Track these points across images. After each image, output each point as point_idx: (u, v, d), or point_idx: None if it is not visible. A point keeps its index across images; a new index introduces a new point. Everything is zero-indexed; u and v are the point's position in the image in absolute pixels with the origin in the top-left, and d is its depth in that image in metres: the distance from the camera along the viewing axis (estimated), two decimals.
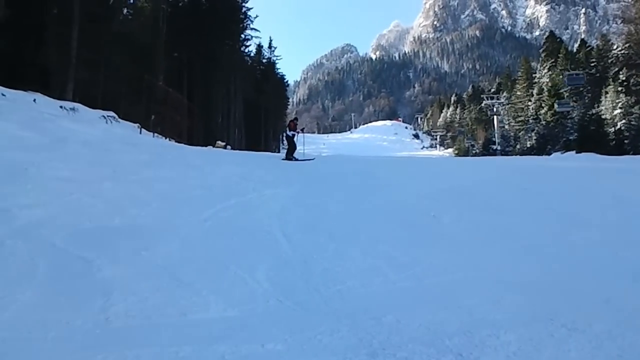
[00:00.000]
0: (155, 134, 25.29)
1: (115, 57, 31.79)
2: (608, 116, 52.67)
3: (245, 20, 52.94)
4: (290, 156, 18.74)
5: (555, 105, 62.33)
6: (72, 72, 25.36)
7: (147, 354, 3.29)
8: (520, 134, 76.12)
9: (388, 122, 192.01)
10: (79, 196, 7.63)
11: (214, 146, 29.35)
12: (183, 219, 7.21)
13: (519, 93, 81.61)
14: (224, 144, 33.80)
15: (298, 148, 19.46)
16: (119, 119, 23.79)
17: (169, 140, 25.74)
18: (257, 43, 71.79)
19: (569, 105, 60.31)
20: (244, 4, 51.94)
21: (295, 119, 21.29)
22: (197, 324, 3.85)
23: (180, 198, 8.58)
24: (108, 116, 22.45)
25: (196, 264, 5.30)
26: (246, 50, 59.81)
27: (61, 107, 19.49)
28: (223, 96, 48.01)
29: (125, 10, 39.22)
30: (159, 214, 7.40)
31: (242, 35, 54.37)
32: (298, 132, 19.79)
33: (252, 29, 55.14)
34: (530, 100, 74.85)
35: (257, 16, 54.94)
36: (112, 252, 5.42)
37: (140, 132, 23.59)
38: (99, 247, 5.50)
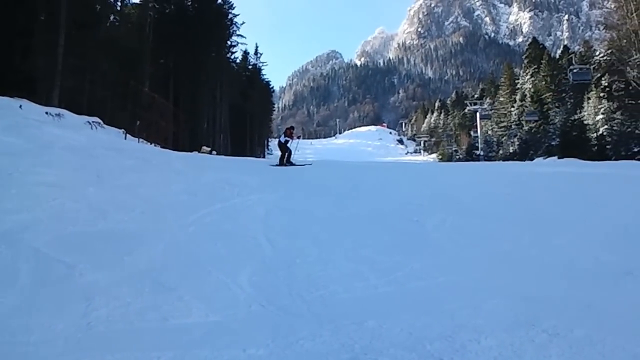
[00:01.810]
0: (141, 140, 25.31)
1: (101, 63, 31.78)
2: (590, 122, 53.40)
3: (231, 27, 53.34)
4: (284, 162, 18.71)
5: (519, 115, 63.64)
6: (58, 79, 25.40)
7: (129, 359, 3.29)
8: (503, 139, 76.87)
9: (373, 128, 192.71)
10: (63, 201, 7.60)
11: (199, 151, 29.34)
12: (167, 224, 7.18)
13: (502, 99, 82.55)
14: (209, 149, 33.80)
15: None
16: (104, 125, 23.85)
17: (154, 145, 25.75)
18: (243, 49, 72.84)
19: (535, 114, 62.83)
20: (230, 11, 52.27)
21: (292, 127, 21.61)
22: (179, 329, 3.84)
23: (164, 203, 8.53)
24: (93, 122, 22.50)
25: (179, 269, 5.29)
26: (232, 57, 60.34)
27: (47, 113, 19.60)
28: (209, 102, 48.15)
29: (112, 17, 39.15)
30: (142, 219, 7.37)
31: (228, 42, 54.76)
32: (293, 139, 19.97)
33: (238, 35, 55.74)
34: (513, 106, 75.61)
35: (243, 23, 55.42)
36: (95, 257, 5.40)
37: (125, 138, 23.63)
38: (82, 252, 5.48)
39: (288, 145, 19.34)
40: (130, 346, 3.48)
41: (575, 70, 44.84)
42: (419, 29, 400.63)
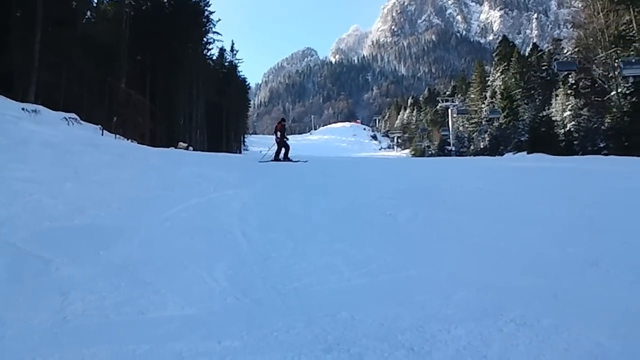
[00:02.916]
0: (118, 136, 25.11)
1: (78, 60, 31.35)
2: (558, 118, 54.23)
3: (207, 24, 53.12)
4: (279, 157, 18.29)
5: (486, 112, 64.77)
6: (35, 75, 25.14)
7: (104, 352, 3.29)
8: (474, 135, 77.74)
9: (347, 124, 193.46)
10: (40, 196, 7.50)
11: (176, 147, 29.11)
12: (143, 219, 7.14)
13: (473, 96, 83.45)
14: (186, 145, 33.60)
15: (260, 150, 19.25)
16: (81, 121, 23.62)
17: (131, 141, 25.55)
18: (220, 46, 72.66)
19: (498, 112, 65.13)
20: (206, 8, 51.92)
21: (282, 119, 20.79)
22: (154, 322, 3.84)
23: (140, 198, 8.48)
24: (70, 118, 22.24)
25: (155, 263, 5.27)
26: (208, 54, 60.15)
27: (23, 109, 19.34)
28: (185, 98, 47.86)
29: (88, 14, 38.61)
30: (119, 214, 7.32)
31: (205, 39, 54.54)
32: (277, 134, 19.24)
33: (214, 32, 55.60)
34: (483, 103, 76.50)
35: (219, 20, 55.19)
36: (71, 251, 5.35)
37: (102, 134, 23.40)
38: (58, 247, 5.43)
39: (285, 140, 18.80)
40: (106, 339, 3.48)
41: (560, 61, 45.07)
42: (393, 27, 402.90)
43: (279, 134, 18.86)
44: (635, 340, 3.54)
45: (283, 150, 18.84)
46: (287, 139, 19.41)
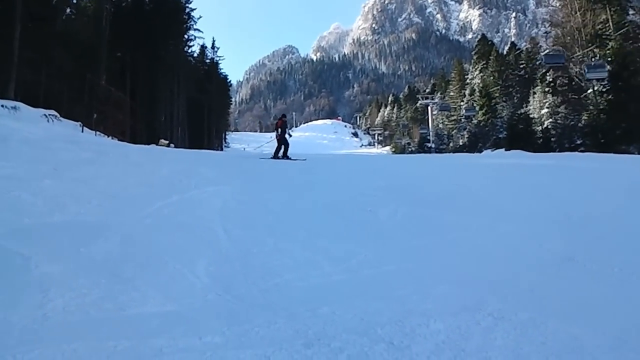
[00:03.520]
0: (98, 133, 24.80)
1: (58, 56, 30.89)
2: (536, 115, 54.76)
3: (188, 21, 52.58)
4: (278, 155, 17.89)
5: (464, 110, 65.48)
6: (14, 72, 24.71)
7: (85, 348, 3.28)
8: (453, 132, 78.29)
9: (328, 121, 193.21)
10: (19, 193, 7.40)
11: (157, 144, 28.88)
12: (124, 216, 7.08)
13: (452, 94, 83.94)
14: (167, 142, 33.36)
15: (241, 146, 18.90)
16: (61, 118, 23.36)
17: (112, 138, 25.28)
18: (201, 44, 71.76)
19: (474, 110, 66.06)
20: (187, 5, 51.45)
21: (283, 115, 20.07)
22: (135, 318, 3.84)
23: (121, 195, 8.39)
24: (50, 115, 21.98)
25: (136, 260, 5.24)
26: (189, 51, 59.48)
27: (2, 106, 19.07)
28: (166, 95, 47.39)
29: (68, 10, 38.06)
30: (99, 211, 7.25)
31: (186, 36, 53.94)
32: (277, 130, 18.63)
33: (195, 29, 54.92)
34: (462, 101, 76.98)
35: (200, 17, 54.67)
36: (51, 248, 5.30)
37: (82, 131, 23.13)
38: (38, 244, 5.37)
39: (286, 137, 18.32)
40: (86, 336, 3.46)
41: (548, 54, 44.56)
42: (373, 25, 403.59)
43: (279, 130, 18.30)
44: (611, 333, 3.62)
45: (283, 148, 18.25)
46: (291, 135, 18.76)
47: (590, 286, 4.76)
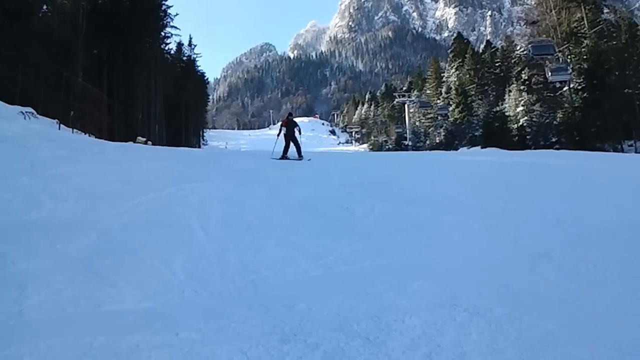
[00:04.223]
0: (75, 130, 24.50)
1: (34, 54, 30.40)
2: (511, 113, 55.51)
3: (165, 18, 51.99)
4: (286, 155, 17.18)
5: (436, 108, 66.53)
6: None
7: (61, 345, 3.26)
8: (430, 130, 78.85)
9: (305, 119, 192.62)
10: None
11: (134, 142, 28.59)
12: (100, 213, 7.02)
13: (428, 91, 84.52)
14: (145, 139, 32.96)
15: (218, 143, 18.31)
16: (38, 115, 22.96)
17: (89, 136, 25.00)
18: (178, 41, 71.06)
19: (446, 108, 68.08)
20: (163, 2, 50.84)
21: (290, 114, 19.28)
22: (111, 315, 3.83)
23: (98, 192, 8.29)
24: (27, 112, 21.62)
25: (112, 257, 5.20)
26: (166, 48, 58.90)
27: None
28: (144, 93, 46.84)
29: (44, 7, 37.45)
30: (76, 208, 7.19)
31: (162, 33, 53.37)
32: (281, 130, 18.00)
33: (172, 26, 54.39)
34: (439, 99, 77.57)
35: (177, 14, 54.08)
36: (28, 245, 5.26)
37: (59, 128, 22.83)
38: (14, 241, 5.30)
39: (295, 136, 17.65)
40: (63, 332, 3.45)
41: (535, 45, 44.32)
42: (350, 23, 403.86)
43: (284, 129, 17.69)
44: (585, 329, 3.69)
45: (293, 147, 17.54)
46: (300, 133, 17.97)
47: (564, 282, 4.83)
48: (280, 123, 18.80)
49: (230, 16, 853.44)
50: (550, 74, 40.79)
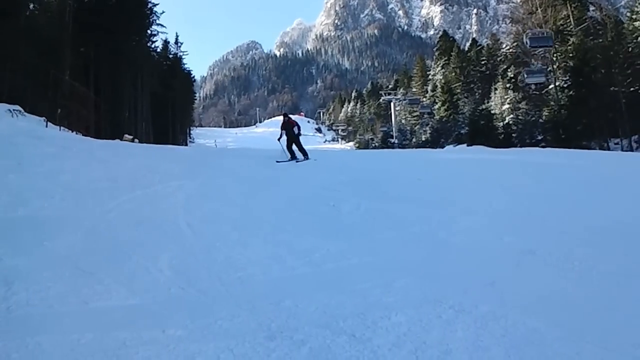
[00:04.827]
0: (62, 128, 24.30)
1: (21, 52, 30.13)
2: (497, 111, 55.69)
3: (151, 16, 51.63)
4: (294, 154, 16.67)
5: (419, 107, 67.08)
6: None
7: (48, 341, 3.26)
8: (416, 128, 79.04)
9: (291, 117, 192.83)
10: None
11: (121, 140, 28.45)
12: (87, 210, 7.03)
13: (414, 89, 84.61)
14: (131, 137, 32.80)
15: (205, 141, 17.98)
16: (25, 113, 22.73)
17: (76, 133, 24.78)
18: (164, 39, 70.55)
19: (429, 107, 69.59)
20: (149, 0, 50.52)
21: (284, 114, 18.78)
22: (98, 311, 3.84)
23: (85, 190, 8.29)
24: (14, 110, 21.38)
25: (99, 254, 5.22)
26: (153, 46, 58.42)
27: None
28: (130, 91, 46.55)
29: (31, 5, 37.12)
30: (63, 205, 7.21)
31: (149, 31, 52.97)
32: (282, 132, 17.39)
33: (158, 24, 53.95)
34: (425, 97, 77.78)
35: (163, 12, 53.71)
36: (15, 242, 5.27)
37: (47, 126, 22.63)
38: (1, 238, 5.35)
39: (295, 136, 17.07)
40: (50, 329, 3.46)
41: (533, 37, 43.27)
42: (336, 21, 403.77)
43: (284, 132, 17.11)
44: (570, 326, 3.72)
45: (298, 147, 17.16)
46: (301, 134, 17.48)
47: (550, 279, 4.85)
48: (281, 125, 17.93)
49: (217, 14, 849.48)
50: (526, 75, 41.44)
